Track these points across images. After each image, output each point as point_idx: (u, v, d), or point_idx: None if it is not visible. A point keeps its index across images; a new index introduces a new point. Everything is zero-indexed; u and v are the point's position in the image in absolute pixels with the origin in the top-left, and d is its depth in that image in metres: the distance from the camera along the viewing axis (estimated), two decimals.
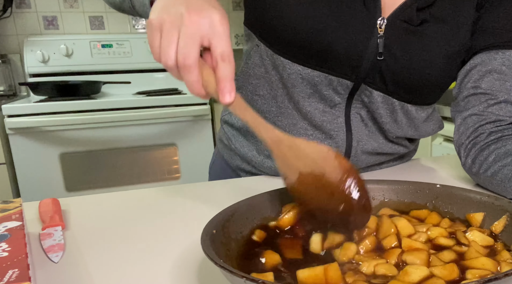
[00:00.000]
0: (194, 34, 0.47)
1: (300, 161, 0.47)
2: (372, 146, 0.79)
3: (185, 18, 0.47)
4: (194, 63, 0.47)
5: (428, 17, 0.70)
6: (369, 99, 0.74)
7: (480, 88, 0.72)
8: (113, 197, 0.73)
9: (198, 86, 0.48)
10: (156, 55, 0.49)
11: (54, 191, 2.12)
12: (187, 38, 0.47)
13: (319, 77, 0.71)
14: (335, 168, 0.46)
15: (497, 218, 0.47)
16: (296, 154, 0.47)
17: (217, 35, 0.47)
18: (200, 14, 0.48)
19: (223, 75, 0.46)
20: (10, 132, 2.01)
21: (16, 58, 2.54)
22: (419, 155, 0.97)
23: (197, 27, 0.47)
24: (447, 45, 0.71)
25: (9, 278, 0.38)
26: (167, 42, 0.48)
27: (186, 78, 0.48)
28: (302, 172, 0.47)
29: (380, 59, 0.69)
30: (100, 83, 2.38)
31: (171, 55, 0.48)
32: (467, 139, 0.74)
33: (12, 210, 0.55)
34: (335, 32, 0.68)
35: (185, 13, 0.47)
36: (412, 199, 0.54)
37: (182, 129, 2.27)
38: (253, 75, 0.78)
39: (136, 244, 0.55)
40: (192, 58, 0.47)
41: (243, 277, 0.32)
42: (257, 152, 0.84)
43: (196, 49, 0.47)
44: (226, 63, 0.47)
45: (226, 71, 0.47)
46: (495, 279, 0.31)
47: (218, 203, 0.55)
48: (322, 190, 0.46)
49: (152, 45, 0.49)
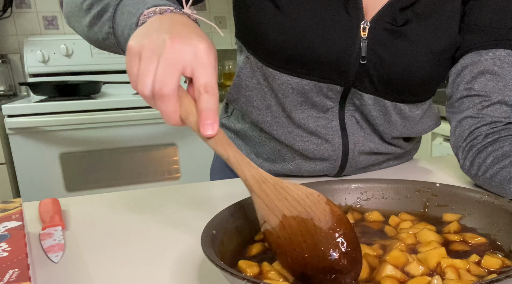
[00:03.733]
0: (175, 62, 0.43)
1: (284, 202, 0.42)
2: (369, 146, 0.79)
3: (167, 44, 0.43)
4: (171, 93, 0.43)
5: (412, 16, 0.70)
6: (361, 102, 0.74)
7: (474, 90, 0.72)
8: (113, 197, 0.73)
9: (174, 117, 0.44)
10: (133, 83, 0.45)
11: (54, 191, 2.12)
12: (166, 66, 0.43)
13: (308, 85, 0.71)
14: (326, 214, 0.41)
15: (497, 217, 0.47)
16: (281, 194, 0.42)
17: (201, 65, 0.44)
18: (184, 42, 0.44)
19: (206, 107, 0.42)
20: (10, 132, 2.01)
21: (16, 58, 2.54)
22: (419, 155, 0.97)
23: (179, 54, 0.43)
24: (432, 43, 0.71)
25: (9, 278, 0.38)
26: (144, 70, 0.44)
27: (161, 108, 0.43)
28: (286, 215, 0.41)
29: (365, 62, 0.69)
30: (100, 83, 2.38)
31: (147, 84, 0.44)
32: (464, 141, 0.74)
33: (12, 210, 0.55)
34: (318, 40, 0.68)
35: (168, 40, 0.44)
36: (411, 198, 0.54)
37: (182, 129, 2.27)
38: (245, 87, 0.78)
39: (136, 244, 0.55)
40: (169, 87, 0.42)
41: (244, 279, 0.32)
42: (255, 155, 0.84)
43: (176, 78, 0.43)
44: (210, 95, 0.42)
45: (210, 103, 0.42)
46: (496, 281, 0.31)
47: (218, 203, 0.55)
48: (307, 236, 0.41)
49: (130, 72, 0.45)
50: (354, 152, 0.78)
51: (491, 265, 0.40)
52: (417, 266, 0.39)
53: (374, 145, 0.79)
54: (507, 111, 0.71)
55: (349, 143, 0.77)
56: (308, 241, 0.41)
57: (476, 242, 0.46)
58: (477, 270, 0.40)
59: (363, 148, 0.78)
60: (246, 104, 0.79)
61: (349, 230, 0.41)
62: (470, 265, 0.40)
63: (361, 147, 0.78)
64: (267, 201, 0.42)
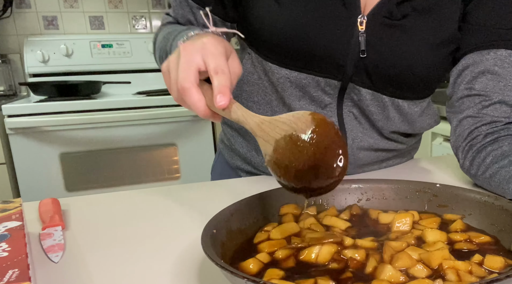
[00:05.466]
0: (189, 60, 0.49)
1: (276, 130, 0.46)
2: (368, 142, 0.79)
3: (181, 52, 0.50)
4: (190, 84, 0.48)
5: (410, 11, 0.70)
6: (359, 97, 0.74)
7: (474, 90, 0.72)
8: (113, 197, 0.73)
9: (200, 105, 0.48)
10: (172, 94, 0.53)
11: (54, 191, 2.12)
12: (183, 66, 0.49)
13: (306, 79, 0.72)
14: (307, 123, 0.44)
15: (497, 218, 0.47)
16: (274, 125, 0.46)
17: (210, 54, 0.49)
18: (193, 44, 0.50)
19: (217, 84, 0.47)
20: (10, 132, 2.01)
21: (16, 58, 2.54)
22: (419, 155, 0.97)
23: (191, 54, 0.49)
24: (430, 37, 0.71)
25: (9, 278, 0.38)
26: (172, 79, 0.51)
27: (187, 100, 0.49)
28: (277, 139, 0.46)
29: (364, 56, 0.70)
30: (100, 83, 2.38)
31: (174, 88, 0.50)
32: (463, 141, 0.74)
33: (12, 210, 0.55)
34: (316, 34, 0.69)
35: (181, 48, 0.51)
36: (411, 199, 0.54)
37: (182, 129, 2.27)
38: (246, 82, 0.79)
39: (136, 244, 0.55)
40: (188, 80, 0.48)
41: (244, 278, 0.32)
42: (255, 151, 0.84)
43: (192, 72, 0.48)
44: (220, 74, 0.48)
45: (221, 80, 0.47)
46: (496, 280, 0.31)
47: (218, 203, 0.55)
48: (294, 148, 0.44)
49: (167, 87, 0.53)
50: (353, 147, 0.78)
51: (494, 264, 0.40)
52: (421, 268, 0.39)
53: (373, 140, 0.79)
54: (507, 111, 0.71)
55: (348, 139, 0.77)
56: (296, 152, 0.44)
57: (481, 241, 0.46)
58: (479, 271, 0.40)
59: (362, 144, 0.78)
60: (247, 99, 0.80)
61: (328, 127, 0.44)
62: (472, 266, 0.40)
63: (359, 143, 0.78)
64: (265, 137, 0.47)
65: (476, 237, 0.47)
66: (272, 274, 0.40)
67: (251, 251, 0.46)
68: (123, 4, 2.69)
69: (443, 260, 0.40)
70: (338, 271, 0.41)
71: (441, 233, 0.47)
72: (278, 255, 0.44)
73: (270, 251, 0.45)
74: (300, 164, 0.44)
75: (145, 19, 2.75)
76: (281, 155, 0.45)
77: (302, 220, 0.51)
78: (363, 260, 0.42)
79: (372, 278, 0.39)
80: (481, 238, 0.46)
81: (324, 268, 0.42)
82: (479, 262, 0.41)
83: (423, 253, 0.42)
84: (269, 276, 0.40)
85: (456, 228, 0.49)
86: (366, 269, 0.41)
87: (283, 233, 0.48)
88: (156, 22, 2.77)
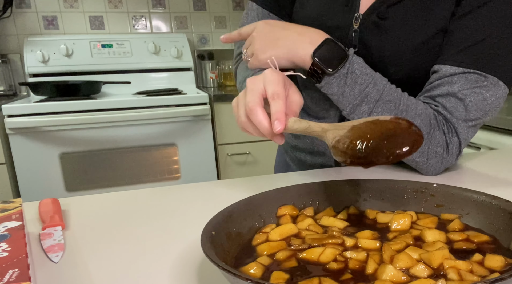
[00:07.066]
0: (253, 88, 0.57)
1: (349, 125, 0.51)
2: None
3: (247, 82, 0.58)
4: (256, 105, 0.55)
5: (396, 13, 0.73)
6: None
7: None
8: (113, 197, 0.73)
9: (265, 123, 0.55)
10: (239, 125, 0.60)
11: (54, 191, 2.12)
12: (249, 93, 0.57)
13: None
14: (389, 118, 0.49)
15: (495, 217, 0.48)
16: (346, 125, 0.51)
17: (268, 82, 0.57)
18: (257, 76, 0.58)
19: (274, 110, 0.54)
20: (10, 132, 2.01)
21: (16, 58, 2.54)
22: None
23: (254, 83, 0.57)
24: (412, 38, 0.73)
25: (9, 278, 0.38)
26: (240, 107, 0.59)
27: (253, 119, 0.55)
28: (354, 124, 0.50)
29: (356, 50, 0.74)
30: (100, 83, 2.38)
31: (241, 114, 0.58)
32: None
33: (12, 210, 0.55)
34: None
35: (247, 79, 0.58)
36: (409, 199, 0.54)
37: (182, 129, 2.27)
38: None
39: (136, 244, 0.55)
40: (253, 102, 0.55)
41: (247, 280, 0.32)
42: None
43: (257, 97, 0.56)
44: (276, 100, 0.55)
45: (277, 106, 0.54)
46: (501, 279, 0.31)
47: (218, 203, 0.56)
48: (373, 126, 0.49)
49: (236, 119, 0.60)
50: None
51: (494, 263, 0.41)
52: (422, 268, 0.40)
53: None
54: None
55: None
56: (373, 128, 0.49)
57: (479, 240, 0.46)
58: (480, 270, 0.40)
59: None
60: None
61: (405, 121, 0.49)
62: (473, 266, 0.40)
63: None
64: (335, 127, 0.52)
65: (475, 236, 0.47)
66: (278, 277, 0.40)
67: (251, 253, 0.46)
68: (123, 4, 2.69)
69: (443, 260, 0.40)
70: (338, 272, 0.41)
71: (440, 232, 0.47)
72: (279, 257, 0.44)
73: (270, 253, 0.45)
74: (376, 134, 0.48)
75: (145, 19, 2.75)
76: (357, 129, 0.49)
77: (300, 221, 0.51)
78: (363, 260, 0.42)
79: (373, 278, 0.39)
80: (480, 237, 0.47)
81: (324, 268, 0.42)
82: (479, 261, 0.42)
83: (423, 253, 0.42)
84: (275, 280, 0.40)
85: (454, 227, 0.49)
86: (366, 270, 0.41)
87: (282, 234, 0.49)
88: (156, 22, 2.77)
